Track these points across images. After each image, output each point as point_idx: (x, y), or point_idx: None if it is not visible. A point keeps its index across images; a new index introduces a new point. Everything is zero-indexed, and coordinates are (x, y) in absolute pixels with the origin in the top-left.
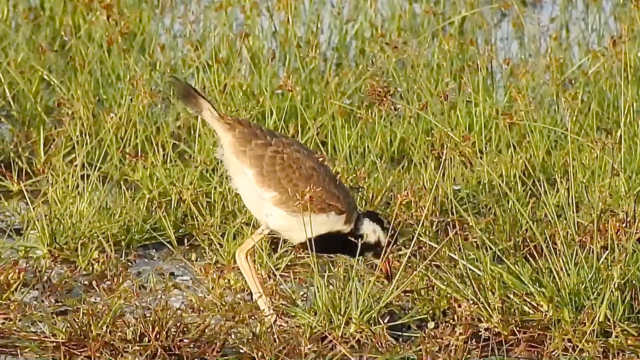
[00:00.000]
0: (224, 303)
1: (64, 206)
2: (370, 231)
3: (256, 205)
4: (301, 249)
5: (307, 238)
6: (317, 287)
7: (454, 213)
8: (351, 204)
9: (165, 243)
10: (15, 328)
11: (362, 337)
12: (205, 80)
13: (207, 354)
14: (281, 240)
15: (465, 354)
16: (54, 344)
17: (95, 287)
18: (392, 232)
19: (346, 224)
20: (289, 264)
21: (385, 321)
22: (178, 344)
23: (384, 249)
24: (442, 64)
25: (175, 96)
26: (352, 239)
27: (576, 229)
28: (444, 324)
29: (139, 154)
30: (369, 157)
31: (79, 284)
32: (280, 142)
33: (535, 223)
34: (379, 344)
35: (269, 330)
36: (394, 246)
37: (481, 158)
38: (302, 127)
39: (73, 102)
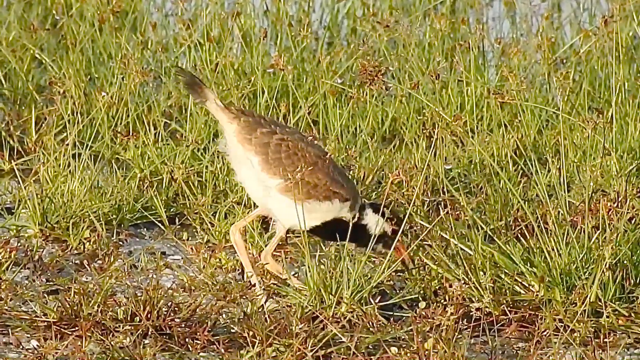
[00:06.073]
0: (215, 282)
1: (55, 185)
2: (374, 223)
3: (262, 195)
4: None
5: (312, 225)
6: (308, 267)
7: (445, 192)
8: (355, 192)
9: (157, 222)
10: (6, 307)
11: (353, 316)
12: (197, 59)
13: (198, 334)
14: (272, 220)
15: (456, 333)
16: (45, 323)
17: (87, 266)
18: (397, 219)
19: (351, 210)
20: (280, 243)
21: (377, 301)
22: (169, 323)
23: (393, 237)
24: (433, 43)
25: (182, 86)
26: (358, 228)
27: (567, 208)
28: (435, 303)
29: (131, 133)
30: (360, 137)
31: (70, 263)
32: (285, 131)
33: (526, 202)
34: (370, 324)
35: (260, 310)
36: (403, 234)
37: (472, 137)
38: (294, 106)
39: (64, 80)
